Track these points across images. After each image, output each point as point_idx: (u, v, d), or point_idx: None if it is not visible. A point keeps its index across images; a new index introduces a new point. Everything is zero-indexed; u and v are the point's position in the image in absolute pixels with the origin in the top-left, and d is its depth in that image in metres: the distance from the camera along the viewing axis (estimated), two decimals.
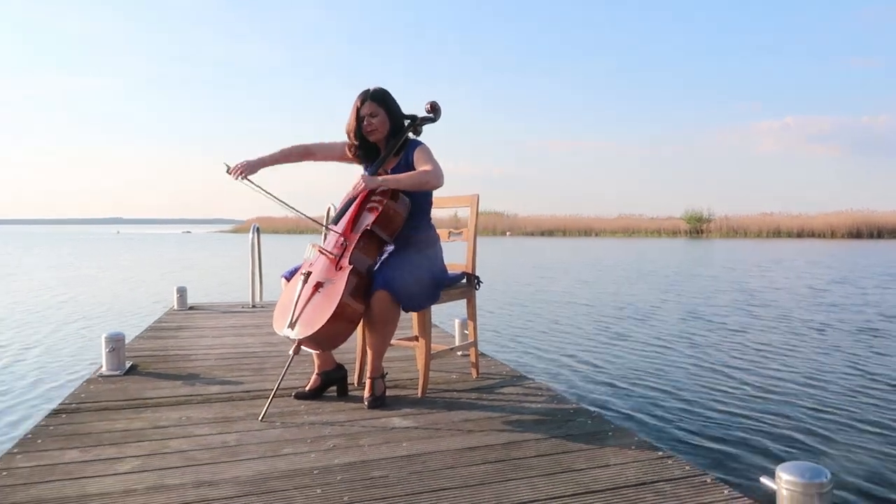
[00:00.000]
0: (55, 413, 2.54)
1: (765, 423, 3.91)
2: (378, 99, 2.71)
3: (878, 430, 3.74)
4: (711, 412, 4.14)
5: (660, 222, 45.58)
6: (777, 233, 40.86)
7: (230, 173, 2.64)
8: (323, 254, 2.63)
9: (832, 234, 39.01)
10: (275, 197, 2.66)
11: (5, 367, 5.65)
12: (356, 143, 2.78)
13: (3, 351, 6.34)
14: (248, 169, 2.66)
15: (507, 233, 46.00)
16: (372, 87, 2.74)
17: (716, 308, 8.99)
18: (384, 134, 2.75)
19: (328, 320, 2.39)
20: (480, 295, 3.17)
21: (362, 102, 2.71)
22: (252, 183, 2.66)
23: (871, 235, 37.93)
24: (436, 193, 2.88)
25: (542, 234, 45.68)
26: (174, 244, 35.53)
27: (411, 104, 2.88)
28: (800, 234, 40.11)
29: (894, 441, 3.56)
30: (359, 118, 2.72)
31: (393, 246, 2.74)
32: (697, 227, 42.94)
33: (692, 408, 4.23)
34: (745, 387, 4.74)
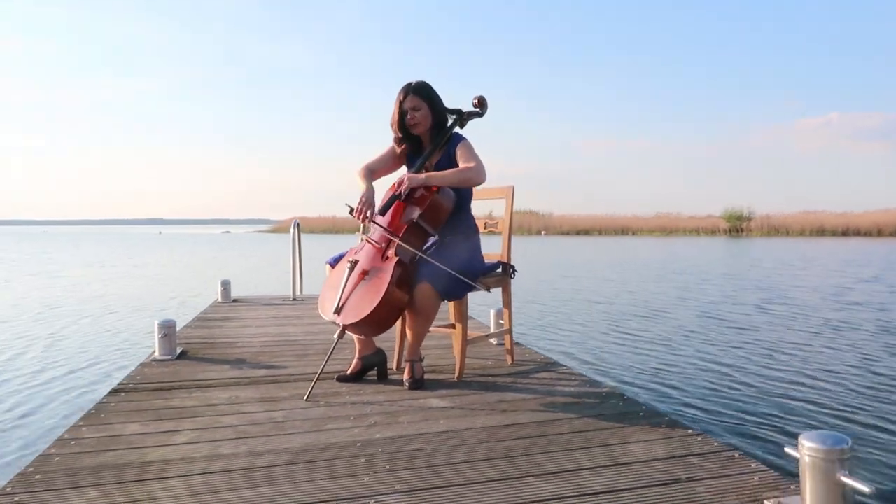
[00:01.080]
0: (114, 392, 2.71)
1: (789, 409, 3.99)
2: (420, 93, 2.74)
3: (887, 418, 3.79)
4: (738, 400, 4.23)
5: (699, 221, 44.82)
6: (821, 231, 39.84)
7: (354, 215, 2.63)
8: (370, 243, 2.73)
9: (879, 233, 37.87)
10: (390, 232, 2.66)
11: (63, 353, 5.93)
12: (401, 135, 2.82)
13: (60, 340, 6.65)
14: (371, 207, 2.65)
15: (543, 232, 45.80)
16: (414, 80, 2.76)
17: (738, 304, 8.92)
18: (427, 127, 2.79)
19: (374, 309, 2.49)
20: (515, 293, 3.25)
21: (405, 96, 2.73)
22: (376, 223, 2.68)
23: None
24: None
25: (578, 233, 45.35)
26: (215, 243, 36.31)
27: (451, 100, 2.90)
28: (845, 233, 39.02)
29: None
30: (402, 112, 2.76)
31: (436, 237, 2.81)
32: (737, 226, 42.10)
33: (720, 396, 4.30)
34: (768, 376, 4.81)
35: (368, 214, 2.64)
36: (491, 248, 3.19)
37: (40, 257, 23.26)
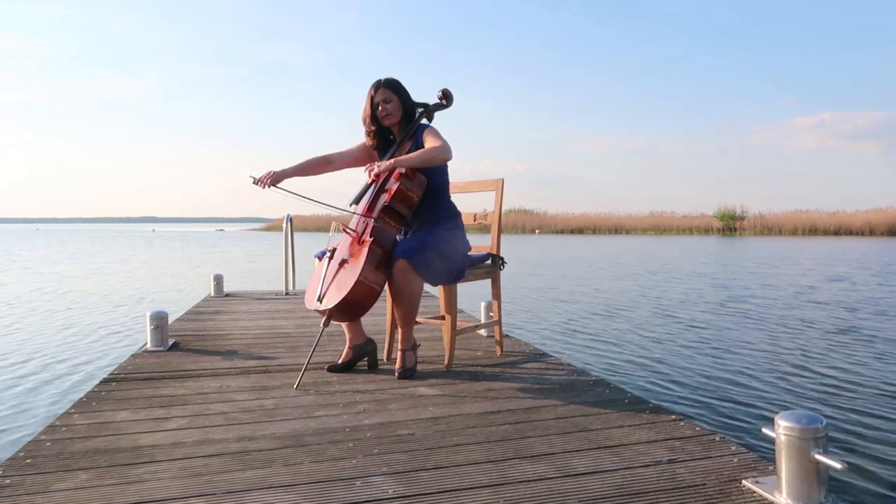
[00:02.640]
0: (106, 381, 2.73)
1: (769, 396, 4.08)
2: (390, 86, 2.88)
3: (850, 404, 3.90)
4: (721, 388, 4.31)
5: (692, 220, 44.89)
6: (813, 231, 39.98)
7: (257, 183, 2.78)
8: (346, 232, 2.81)
9: (871, 232, 38.05)
10: (303, 196, 2.80)
11: (55, 345, 5.93)
12: (373, 128, 2.93)
13: (53, 332, 6.64)
14: (273, 179, 2.80)
15: (537, 230, 45.85)
16: (383, 77, 2.91)
17: (708, 302, 8.99)
18: (398, 118, 2.91)
19: (351, 289, 2.55)
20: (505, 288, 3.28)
21: (376, 90, 2.88)
22: (281, 189, 2.79)
23: None
24: (462, 178, 3.02)
25: (572, 231, 45.42)
26: (209, 241, 36.23)
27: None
28: (836, 232, 39.18)
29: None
30: (373, 105, 2.88)
31: (415, 224, 2.88)
32: (730, 225, 42.22)
33: (703, 384, 4.37)
34: (745, 367, 4.89)
35: (269, 181, 2.77)
36: (482, 242, 3.22)
37: (34, 253, 23.17)
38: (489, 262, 3.13)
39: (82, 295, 10.26)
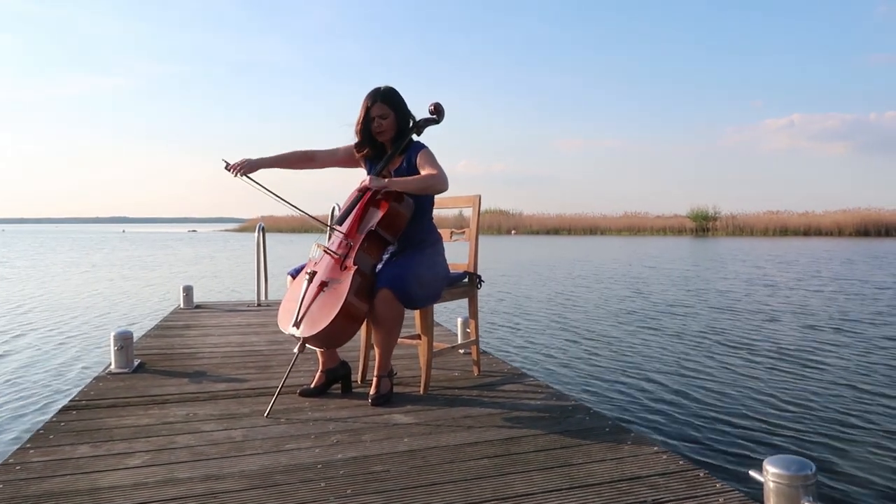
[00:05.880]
0: (66, 410, 2.60)
1: (757, 419, 4.00)
2: (388, 100, 2.73)
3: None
4: (705, 410, 4.23)
5: (665, 221, 45.33)
6: (784, 231, 40.61)
7: (229, 170, 2.65)
8: (328, 253, 2.68)
9: (839, 233, 38.77)
10: (273, 194, 2.67)
11: (17, 365, 5.73)
12: (362, 139, 2.79)
13: (14, 350, 6.42)
14: (246, 167, 2.67)
15: (513, 231, 45.95)
16: (382, 86, 2.76)
17: (709, 309, 9.04)
18: (392, 135, 2.78)
19: (333, 319, 2.44)
20: (482, 294, 3.21)
21: (373, 103, 2.72)
22: (251, 180, 2.66)
23: (878, 234, 37.70)
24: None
25: (548, 232, 45.58)
26: (181, 243, 35.67)
27: (414, 104, 2.87)
28: (806, 233, 39.85)
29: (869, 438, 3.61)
30: (368, 118, 2.75)
31: (396, 246, 2.77)
32: (703, 226, 42.73)
33: (687, 406, 4.31)
34: (730, 386, 4.83)
35: (241, 170, 2.65)
36: (458, 256, 3.14)
37: None
38: (466, 280, 3.06)
39: (53, 306, 9.98)
